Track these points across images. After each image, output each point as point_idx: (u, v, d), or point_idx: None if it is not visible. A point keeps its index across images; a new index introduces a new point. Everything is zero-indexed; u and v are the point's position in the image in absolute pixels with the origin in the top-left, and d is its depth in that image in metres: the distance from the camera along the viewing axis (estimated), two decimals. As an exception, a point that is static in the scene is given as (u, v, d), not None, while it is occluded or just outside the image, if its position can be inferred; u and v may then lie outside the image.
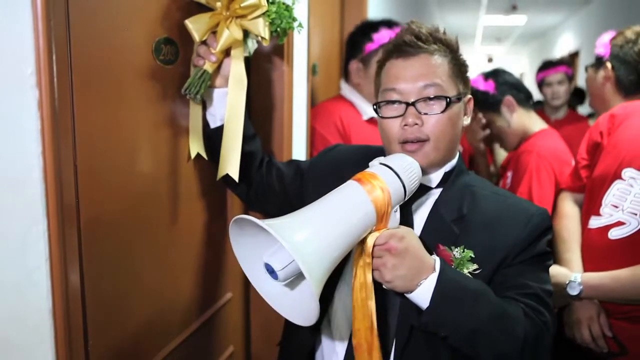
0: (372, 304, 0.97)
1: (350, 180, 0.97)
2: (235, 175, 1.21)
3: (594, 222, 1.59)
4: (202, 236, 1.37)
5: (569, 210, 1.77)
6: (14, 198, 0.77)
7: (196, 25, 1.13)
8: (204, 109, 1.26)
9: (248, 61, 1.35)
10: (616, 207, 1.53)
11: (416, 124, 1.07)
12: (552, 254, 1.12)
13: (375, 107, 1.14)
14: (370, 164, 1.03)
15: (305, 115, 1.79)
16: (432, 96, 1.07)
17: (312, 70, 2.19)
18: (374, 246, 0.95)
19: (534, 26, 9.68)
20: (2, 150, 0.75)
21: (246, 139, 1.23)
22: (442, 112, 1.07)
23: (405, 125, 1.07)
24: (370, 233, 0.96)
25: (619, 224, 1.52)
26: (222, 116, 1.24)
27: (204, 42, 1.17)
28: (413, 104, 1.07)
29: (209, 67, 1.17)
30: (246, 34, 1.20)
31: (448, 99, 1.07)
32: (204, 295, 1.40)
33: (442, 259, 1.01)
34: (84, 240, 0.93)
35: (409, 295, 0.98)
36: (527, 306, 1.02)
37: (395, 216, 0.99)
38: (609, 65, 1.79)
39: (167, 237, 1.21)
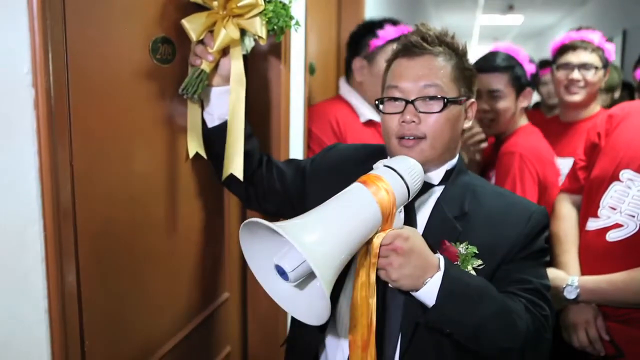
0: (373, 302, 1.00)
1: (355, 183, 0.99)
2: (239, 174, 1.22)
3: (592, 224, 1.58)
4: (199, 236, 1.36)
5: (566, 212, 1.76)
6: (9, 198, 0.76)
7: (193, 25, 1.13)
8: (202, 108, 1.25)
9: (245, 60, 1.35)
10: (614, 209, 1.52)
11: (413, 121, 1.10)
12: (549, 250, 1.17)
13: (377, 102, 1.17)
14: (374, 166, 1.05)
15: (302, 115, 1.79)
16: (431, 96, 1.10)
17: (310, 70, 2.19)
18: (380, 246, 0.97)
19: (531, 26, 9.69)
20: (-2, 149, 0.75)
21: (244, 137, 1.22)
22: (440, 111, 1.10)
23: (403, 122, 1.11)
24: (376, 234, 0.97)
25: (617, 226, 1.51)
26: (220, 115, 1.24)
27: (200, 42, 1.16)
28: (412, 102, 1.11)
29: (206, 66, 1.16)
30: (243, 32, 1.19)
31: (445, 100, 1.10)
32: (200, 295, 1.39)
33: (445, 257, 1.04)
34: (80, 240, 0.92)
35: (414, 294, 1.01)
36: (528, 301, 1.06)
37: (400, 216, 1.01)
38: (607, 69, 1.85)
39: (164, 236, 1.21)
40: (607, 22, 5.97)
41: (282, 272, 0.92)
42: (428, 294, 1.00)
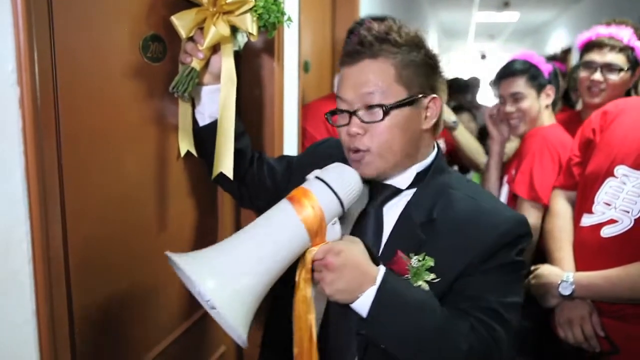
0: (311, 318, 0.98)
1: (283, 199, 0.98)
2: (229, 173, 1.21)
3: (586, 220, 1.58)
4: (192, 234, 1.36)
5: (560, 208, 1.76)
6: (-4, 198, 0.75)
7: (182, 22, 1.11)
8: (193, 106, 1.24)
9: (238, 57, 1.34)
10: (609, 204, 1.52)
11: (358, 133, 1.04)
12: (524, 264, 1.07)
13: (326, 115, 1.12)
14: (307, 177, 1.02)
15: (296, 113, 1.78)
16: (369, 105, 1.03)
17: (304, 67, 2.18)
18: (313, 261, 0.96)
19: (527, 22, 9.69)
20: (-18, 149, 0.74)
21: (235, 136, 1.22)
22: (382, 119, 1.02)
23: (349, 134, 1.05)
24: (308, 249, 0.96)
25: (612, 221, 1.50)
26: (210, 113, 1.23)
27: (190, 39, 1.15)
28: (355, 112, 1.04)
29: (196, 64, 1.15)
30: (235, 28, 1.18)
31: (385, 107, 1.02)
32: (194, 294, 1.38)
33: (388, 269, 0.99)
34: (70, 240, 0.92)
35: (351, 306, 0.98)
36: (478, 320, 0.99)
37: (335, 229, 0.98)
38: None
39: (156, 235, 1.20)
40: (602, 18, 5.95)
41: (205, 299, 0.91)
42: (362, 307, 0.96)
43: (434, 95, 1.08)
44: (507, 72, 2.09)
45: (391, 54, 1.04)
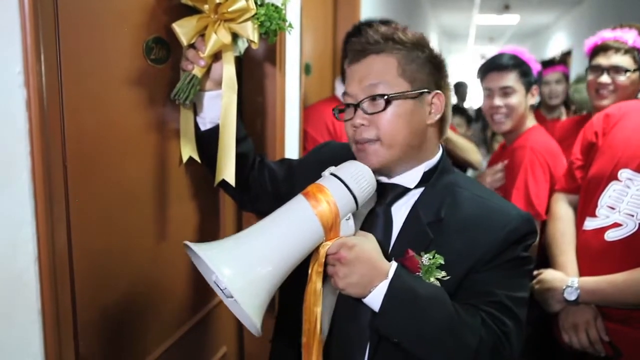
0: (317, 310, 1.00)
1: (298, 194, 0.99)
2: (231, 180, 1.21)
3: (589, 224, 1.57)
4: (195, 236, 1.36)
5: (562, 212, 1.75)
6: (2, 199, 0.76)
7: (183, 29, 1.11)
8: (195, 112, 1.24)
9: (240, 61, 1.34)
10: (612, 208, 1.52)
11: (362, 124, 1.06)
12: (531, 259, 1.09)
13: (333, 111, 1.15)
14: (322, 174, 1.04)
15: (297, 116, 1.78)
16: (372, 95, 1.05)
17: (305, 70, 2.19)
18: (327, 255, 0.98)
19: (527, 26, 9.71)
20: (-11, 150, 0.74)
21: (237, 140, 1.22)
22: (384, 109, 1.04)
23: (354, 126, 1.07)
24: (322, 243, 0.98)
25: (616, 225, 1.50)
26: (211, 118, 1.23)
27: (192, 46, 1.15)
28: (359, 105, 1.07)
29: (197, 71, 1.15)
30: (236, 34, 1.18)
31: (386, 96, 1.04)
32: (196, 295, 1.39)
33: (399, 265, 1.01)
34: (74, 241, 0.92)
35: (364, 300, 0.99)
36: (488, 315, 1.01)
37: (349, 224, 1.00)
38: None
39: (159, 238, 1.20)
40: (602, 21, 5.98)
41: (221, 287, 0.94)
42: (374, 301, 0.98)
43: (438, 91, 1.10)
44: (497, 65, 2.04)
45: (395, 50, 1.07)
